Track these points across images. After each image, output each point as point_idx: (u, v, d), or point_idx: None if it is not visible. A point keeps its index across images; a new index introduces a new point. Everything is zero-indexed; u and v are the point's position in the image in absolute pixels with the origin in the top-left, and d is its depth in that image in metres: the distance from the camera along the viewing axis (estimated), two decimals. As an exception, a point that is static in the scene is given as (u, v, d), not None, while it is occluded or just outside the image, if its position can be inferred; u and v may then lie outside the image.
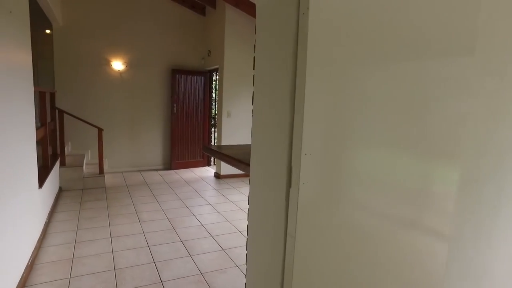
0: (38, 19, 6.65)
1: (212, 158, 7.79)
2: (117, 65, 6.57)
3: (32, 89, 3.39)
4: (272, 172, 1.16)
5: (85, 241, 3.59)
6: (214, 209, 4.74)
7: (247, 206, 1.36)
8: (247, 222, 1.37)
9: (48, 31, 5.75)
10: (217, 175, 6.64)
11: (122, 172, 6.87)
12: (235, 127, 6.53)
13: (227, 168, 6.56)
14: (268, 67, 1.25)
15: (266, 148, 1.21)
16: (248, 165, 1.43)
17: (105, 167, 6.72)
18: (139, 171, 7.01)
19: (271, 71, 1.22)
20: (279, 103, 1.15)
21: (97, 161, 6.12)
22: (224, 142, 6.48)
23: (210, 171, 7.23)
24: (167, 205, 4.83)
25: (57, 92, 6.29)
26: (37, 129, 3.96)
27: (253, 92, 1.33)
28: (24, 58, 3.23)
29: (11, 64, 2.86)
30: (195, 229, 4.01)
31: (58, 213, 4.38)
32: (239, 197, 5.36)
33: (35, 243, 3.32)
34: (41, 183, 3.62)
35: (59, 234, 3.76)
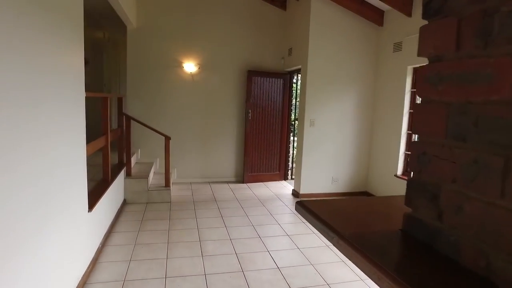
0: (112, 23, 6.51)
1: (289, 172, 6.86)
2: (189, 66, 6.02)
3: (83, 94, 2.81)
4: None
5: (136, 280, 2.91)
6: (293, 243, 3.79)
7: None
8: (338, 269, 0.43)
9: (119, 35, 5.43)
10: (296, 194, 5.68)
11: (190, 183, 6.30)
12: (319, 139, 5.51)
13: (308, 185, 5.56)
14: None
15: None
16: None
17: (173, 177, 6.22)
18: (209, 182, 6.37)
19: None
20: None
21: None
22: (306, 156, 5.49)
23: (287, 187, 6.31)
24: (236, 233, 4.01)
25: (128, 96, 5.95)
26: (95, 139, 3.44)
27: None
28: (75, 62, 2.66)
29: (60, 68, 2.28)
30: (269, 275, 3.09)
31: (115, 234, 3.84)
32: (323, 226, 4.32)
33: (79, 279, 2.72)
34: (92, 205, 3.04)
35: (110, 265, 3.14)
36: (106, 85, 8.49)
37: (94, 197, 3.21)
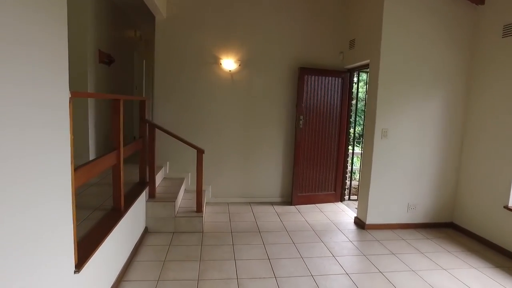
0: (143, 18, 5.64)
1: (347, 191, 5.62)
2: (228, 63, 4.99)
3: (67, 95, 1.81)
4: None
5: None
6: (375, 313, 2.58)
7: None
8: None
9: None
10: (360, 223, 4.44)
11: (227, 203, 5.25)
12: (392, 154, 4.24)
13: (377, 213, 4.31)
14: None
15: None
16: None
17: (208, 196, 5.20)
18: (250, 203, 5.28)
19: None
20: None
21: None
22: (375, 175, 4.24)
23: (345, 211, 5.07)
24: (290, 287, 2.87)
25: (156, 99, 5.01)
26: (103, 155, 2.47)
27: None
28: (48, 41, 1.67)
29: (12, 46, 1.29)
30: None
31: (128, 284, 2.84)
32: (409, 278, 3.06)
33: None
34: (82, 261, 2.03)
35: None
36: (137, 87, 7.72)
37: (88, 245, 2.21)
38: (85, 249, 2.14)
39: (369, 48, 4.37)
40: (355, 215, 4.66)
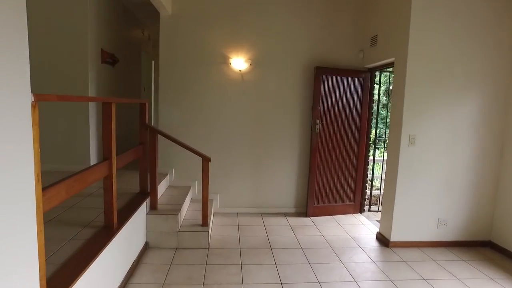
0: (151, 16, 5.32)
1: (366, 202, 5.16)
2: (238, 63, 4.61)
3: (29, 99, 1.45)
4: None
5: None
6: None
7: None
8: None
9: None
10: (383, 240, 3.98)
11: (237, 213, 4.86)
12: (420, 163, 3.77)
13: (402, 229, 3.85)
14: None
15: None
16: None
17: (216, 206, 4.83)
18: (261, 214, 4.88)
19: None
20: None
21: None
22: (401, 186, 3.78)
23: (365, 224, 4.62)
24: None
25: (161, 102, 4.68)
26: (91, 167, 2.13)
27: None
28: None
29: None
30: None
31: (119, 314, 2.48)
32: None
33: None
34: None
35: None
36: (145, 89, 7.43)
37: (67, 276, 1.85)
38: (61, 283, 1.78)
39: (394, 45, 3.92)
40: (378, 230, 4.20)
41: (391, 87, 4.58)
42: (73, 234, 2.51)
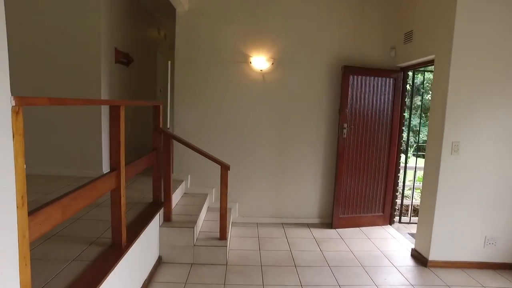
0: (167, 14, 5.04)
1: (396, 212, 4.74)
2: (259, 62, 4.28)
3: (8, 103, 1.16)
4: None
5: None
6: None
7: None
8: None
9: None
10: (419, 258, 3.57)
11: (257, 224, 4.53)
12: (465, 174, 3.34)
13: (443, 247, 3.43)
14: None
15: None
16: None
17: (234, 215, 4.51)
18: (282, 225, 4.54)
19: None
20: None
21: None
22: (441, 200, 3.36)
23: (396, 238, 4.21)
24: None
25: (176, 105, 4.40)
26: (95, 180, 1.84)
27: None
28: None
29: None
30: None
31: None
32: None
33: None
34: None
35: None
36: (161, 90, 7.19)
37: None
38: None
39: (435, 41, 3.51)
40: (412, 246, 3.79)
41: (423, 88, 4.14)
42: (76, 253, 2.23)
